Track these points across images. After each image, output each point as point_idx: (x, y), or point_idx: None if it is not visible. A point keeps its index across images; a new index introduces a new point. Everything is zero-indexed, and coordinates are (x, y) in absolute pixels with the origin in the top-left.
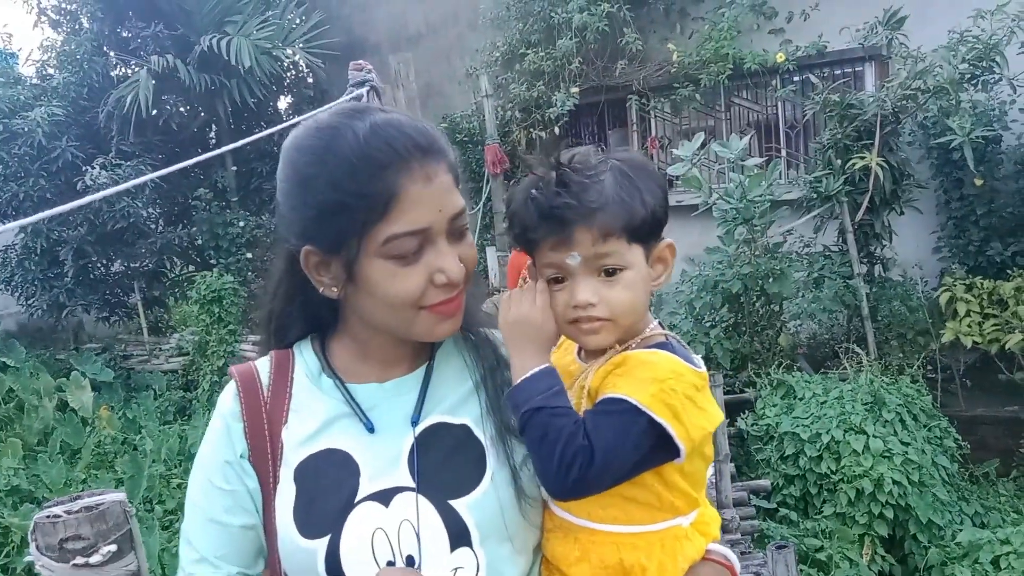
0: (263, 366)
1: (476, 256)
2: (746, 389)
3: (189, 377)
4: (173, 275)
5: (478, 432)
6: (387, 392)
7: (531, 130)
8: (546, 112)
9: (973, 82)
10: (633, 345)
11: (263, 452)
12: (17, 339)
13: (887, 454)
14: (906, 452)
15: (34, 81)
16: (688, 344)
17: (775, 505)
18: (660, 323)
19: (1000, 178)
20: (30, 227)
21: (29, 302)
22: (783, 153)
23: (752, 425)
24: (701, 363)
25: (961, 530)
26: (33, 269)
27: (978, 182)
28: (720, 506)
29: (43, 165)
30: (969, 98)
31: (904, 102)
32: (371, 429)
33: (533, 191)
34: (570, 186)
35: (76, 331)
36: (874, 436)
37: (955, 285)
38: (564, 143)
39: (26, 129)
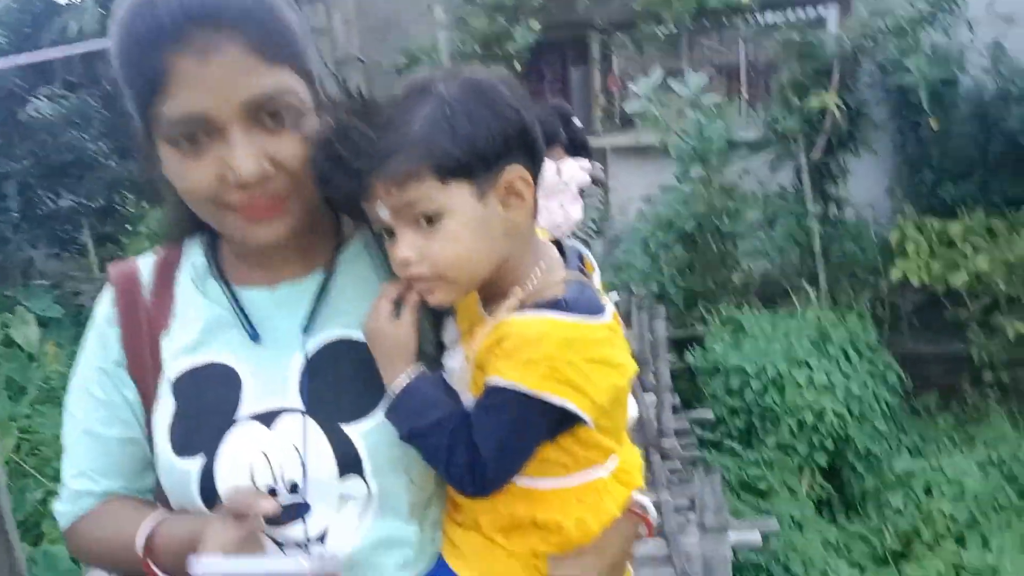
0: (145, 265)
1: (303, 151)
2: (696, 324)
3: None
4: (127, 211)
5: None
6: (279, 299)
7: (491, 66)
8: (506, 46)
9: (932, 22)
10: (516, 305)
11: (142, 361)
12: None
13: (829, 387)
14: (848, 385)
15: None
16: (643, 281)
17: (719, 436)
18: (563, 251)
19: (956, 121)
20: None
21: None
22: (743, 94)
23: (701, 360)
24: (608, 305)
25: (898, 460)
26: None
27: (934, 124)
28: (661, 435)
29: None
30: (929, 40)
31: (864, 40)
32: (255, 338)
33: (318, 145)
34: (351, 135)
35: (26, 267)
36: (818, 370)
37: (906, 225)
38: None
39: None
